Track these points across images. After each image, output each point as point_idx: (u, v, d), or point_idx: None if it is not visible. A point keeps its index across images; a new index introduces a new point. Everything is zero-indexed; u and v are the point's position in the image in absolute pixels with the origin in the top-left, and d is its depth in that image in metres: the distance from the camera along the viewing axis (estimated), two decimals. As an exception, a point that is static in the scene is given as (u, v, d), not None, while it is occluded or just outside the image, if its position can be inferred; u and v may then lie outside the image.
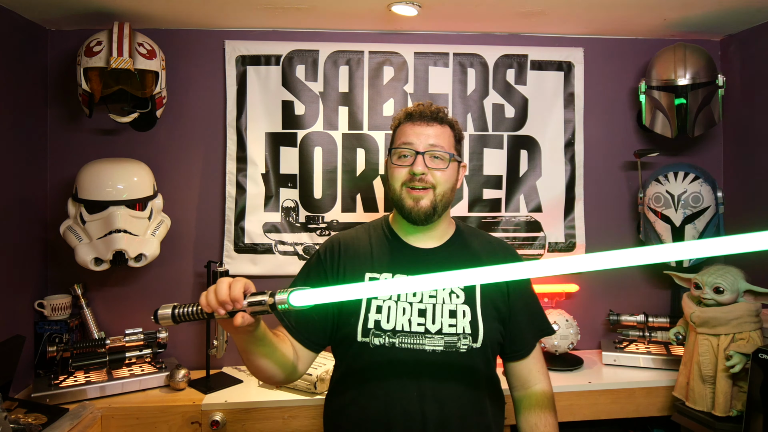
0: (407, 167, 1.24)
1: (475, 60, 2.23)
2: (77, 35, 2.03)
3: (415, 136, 1.24)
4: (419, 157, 1.22)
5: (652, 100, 2.13)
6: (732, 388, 1.65)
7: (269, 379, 1.19)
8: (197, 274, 2.18)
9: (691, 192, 2.05)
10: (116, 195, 1.85)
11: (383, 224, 1.35)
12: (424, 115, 1.26)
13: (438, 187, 1.23)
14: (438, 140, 1.25)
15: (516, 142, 2.25)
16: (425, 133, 1.24)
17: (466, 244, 1.31)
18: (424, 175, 1.22)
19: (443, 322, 1.19)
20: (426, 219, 1.24)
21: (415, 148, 1.23)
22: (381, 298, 1.21)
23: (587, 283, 2.32)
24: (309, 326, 1.24)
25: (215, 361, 2.07)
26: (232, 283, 0.94)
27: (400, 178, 1.25)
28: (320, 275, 1.28)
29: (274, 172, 2.18)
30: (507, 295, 1.27)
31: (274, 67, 2.15)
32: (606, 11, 2.00)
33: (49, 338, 1.98)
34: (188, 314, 0.97)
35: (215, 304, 0.94)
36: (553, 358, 2.08)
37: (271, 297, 0.93)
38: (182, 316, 0.97)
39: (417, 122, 1.26)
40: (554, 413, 1.29)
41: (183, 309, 0.97)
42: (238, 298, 0.93)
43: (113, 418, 1.74)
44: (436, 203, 1.24)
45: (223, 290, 0.93)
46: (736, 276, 1.72)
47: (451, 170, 1.26)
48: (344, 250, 1.29)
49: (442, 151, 1.24)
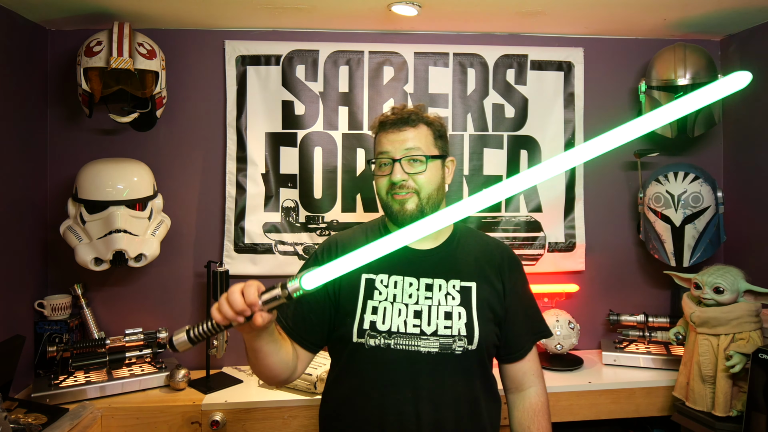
0: (387, 176, 1.24)
1: (475, 60, 2.23)
2: (77, 35, 2.03)
3: (390, 144, 1.25)
4: (396, 165, 1.23)
5: (652, 100, 2.13)
6: (732, 388, 1.65)
7: (273, 378, 1.19)
8: (197, 274, 2.18)
9: (691, 192, 2.05)
10: (116, 195, 1.85)
11: (380, 225, 1.35)
12: (394, 122, 1.26)
13: (422, 191, 1.23)
14: (414, 143, 1.24)
15: (516, 142, 2.25)
16: (398, 139, 1.24)
17: (462, 245, 1.31)
18: (405, 182, 1.22)
19: (438, 323, 1.19)
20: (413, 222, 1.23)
21: (391, 155, 1.24)
22: (377, 299, 1.21)
23: (587, 283, 2.32)
24: (307, 327, 1.24)
25: (215, 361, 2.07)
26: (245, 289, 0.93)
27: (384, 187, 1.26)
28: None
29: (274, 172, 2.18)
30: (503, 296, 1.27)
31: (274, 67, 2.15)
32: (606, 11, 2.00)
33: (49, 338, 1.98)
34: (205, 332, 0.95)
35: (232, 315, 0.92)
36: (553, 358, 2.08)
37: (283, 289, 0.92)
38: (199, 335, 0.95)
39: (389, 130, 1.26)
40: (548, 416, 1.29)
41: (198, 329, 0.95)
42: (254, 302, 0.92)
43: (113, 418, 1.74)
44: (423, 206, 1.24)
45: (238, 299, 0.92)
46: (736, 276, 1.72)
47: (433, 170, 1.26)
48: (341, 251, 1.28)
49: (418, 153, 1.24)
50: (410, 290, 1.22)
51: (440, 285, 1.23)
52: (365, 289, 1.22)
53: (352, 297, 1.22)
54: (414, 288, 1.22)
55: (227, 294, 0.94)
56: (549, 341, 2.03)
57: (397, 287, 1.22)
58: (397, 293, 1.22)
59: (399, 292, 1.22)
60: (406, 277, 1.23)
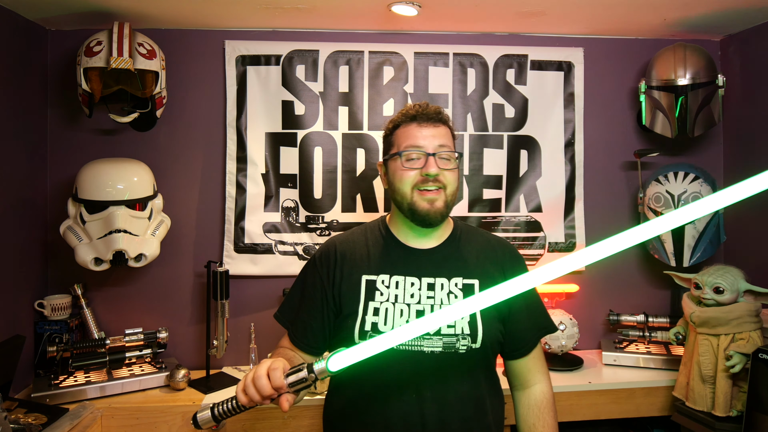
0: (417, 170, 1.21)
1: (475, 60, 2.23)
2: (77, 35, 2.03)
3: (423, 138, 1.22)
4: (431, 159, 1.20)
5: (652, 100, 2.13)
6: (732, 388, 1.65)
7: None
8: (197, 274, 2.18)
9: (691, 192, 2.05)
10: (116, 195, 1.85)
11: (380, 225, 1.34)
12: (429, 117, 1.25)
13: (448, 187, 1.23)
14: (444, 140, 1.24)
15: (516, 142, 2.25)
16: (432, 134, 1.23)
17: (463, 244, 1.30)
18: (437, 176, 1.21)
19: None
20: (441, 220, 1.24)
21: (425, 149, 1.21)
22: (378, 300, 1.20)
23: (587, 283, 2.32)
24: (308, 333, 1.25)
25: (215, 361, 2.07)
26: (271, 373, 0.95)
27: (410, 182, 1.22)
28: (316, 282, 1.27)
29: (274, 172, 2.18)
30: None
31: (274, 67, 2.15)
32: (606, 11, 2.00)
33: (49, 338, 1.98)
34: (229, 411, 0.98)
35: (259, 399, 0.95)
36: (553, 358, 2.08)
37: (310, 372, 0.94)
38: (223, 414, 0.98)
39: (423, 124, 1.24)
40: (554, 413, 1.28)
41: (222, 407, 0.98)
42: (281, 386, 0.95)
43: (113, 418, 1.74)
44: (448, 203, 1.23)
45: (265, 386, 0.94)
46: (736, 276, 1.72)
47: (458, 170, 1.26)
48: (340, 254, 1.28)
49: (450, 151, 1.23)
50: (412, 290, 1.21)
51: (442, 284, 1.22)
52: (366, 291, 1.22)
53: (353, 299, 1.21)
54: (416, 288, 1.22)
55: (253, 378, 0.97)
56: (554, 341, 2.03)
57: (399, 287, 1.21)
58: (399, 293, 1.21)
59: (401, 292, 1.21)
60: (407, 277, 1.22)
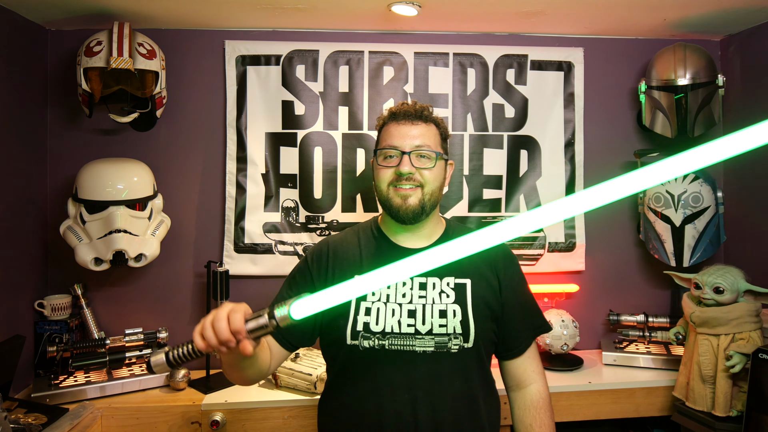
0: (393, 168, 1.22)
1: (475, 60, 2.23)
2: (77, 35, 2.03)
3: (400, 137, 1.23)
4: (405, 157, 1.21)
5: (652, 100, 2.13)
6: (732, 388, 1.65)
7: (245, 383, 1.21)
8: (197, 274, 2.18)
9: (691, 192, 2.05)
10: (116, 195, 1.85)
11: (372, 226, 1.33)
12: (408, 114, 1.25)
13: (426, 186, 1.22)
14: (424, 139, 1.23)
15: (516, 142, 2.25)
16: (410, 133, 1.23)
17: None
18: (412, 174, 1.21)
19: (433, 322, 1.18)
20: (414, 218, 1.22)
21: (400, 148, 1.22)
22: (370, 300, 1.20)
23: (587, 283, 2.32)
24: (292, 331, 1.22)
25: (215, 361, 2.07)
26: (231, 315, 0.88)
27: (386, 179, 1.23)
28: (306, 281, 1.26)
29: (274, 172, 2.18)
30: (499, 292, 1.25)
31: (274, 67, 2.15)
32: (606, 11, 2.00)
33: (49, 338, 1.99)
34: (185, 356, 0.91)
35: (216, 343, 0.89)
36: (553, 358, 2.08)
37: (271, 318, 0.88)
38: (178, 359, 0.91)
39: (402, 122, 1.24)
40: (550, 413, 1.27)
41: (178, 351, 0.91)
42: (239, 330, 0.88)
43: (113, 418, 1.74)
44: (425, 202, 1.22)
45: (223, 328, 0.87)
46: (736, 276, 1.72)
47: (439, 169, 1.25)
48: (333, 254, 1.27)
49: (428, 150, 1.23)
50: (403, 290, 1.21)
51: (434, 283, 1.22)
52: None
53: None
54: (407, 287, 1.21)
55: (212, 318, 0.90)
56: (555, 341, 2.03)
57: (391, 287, 1.21)
58: (390, 293, 1.20)
59: (392, 291, 1.21)
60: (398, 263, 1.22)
